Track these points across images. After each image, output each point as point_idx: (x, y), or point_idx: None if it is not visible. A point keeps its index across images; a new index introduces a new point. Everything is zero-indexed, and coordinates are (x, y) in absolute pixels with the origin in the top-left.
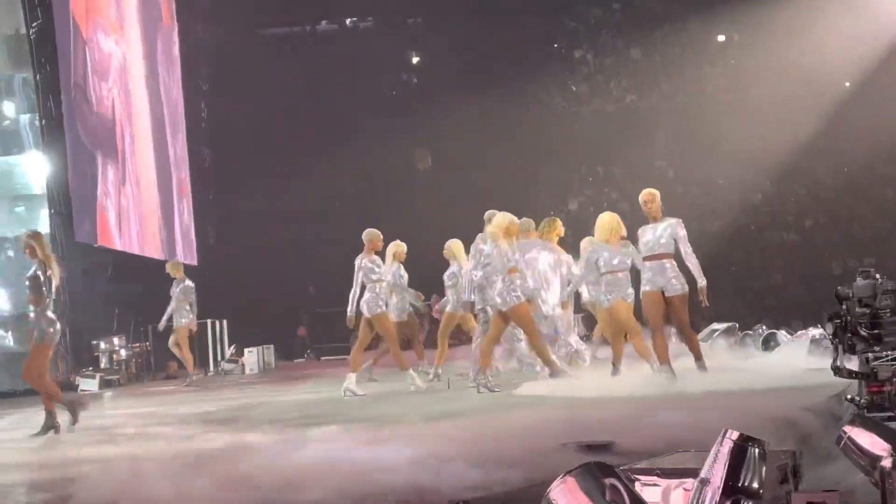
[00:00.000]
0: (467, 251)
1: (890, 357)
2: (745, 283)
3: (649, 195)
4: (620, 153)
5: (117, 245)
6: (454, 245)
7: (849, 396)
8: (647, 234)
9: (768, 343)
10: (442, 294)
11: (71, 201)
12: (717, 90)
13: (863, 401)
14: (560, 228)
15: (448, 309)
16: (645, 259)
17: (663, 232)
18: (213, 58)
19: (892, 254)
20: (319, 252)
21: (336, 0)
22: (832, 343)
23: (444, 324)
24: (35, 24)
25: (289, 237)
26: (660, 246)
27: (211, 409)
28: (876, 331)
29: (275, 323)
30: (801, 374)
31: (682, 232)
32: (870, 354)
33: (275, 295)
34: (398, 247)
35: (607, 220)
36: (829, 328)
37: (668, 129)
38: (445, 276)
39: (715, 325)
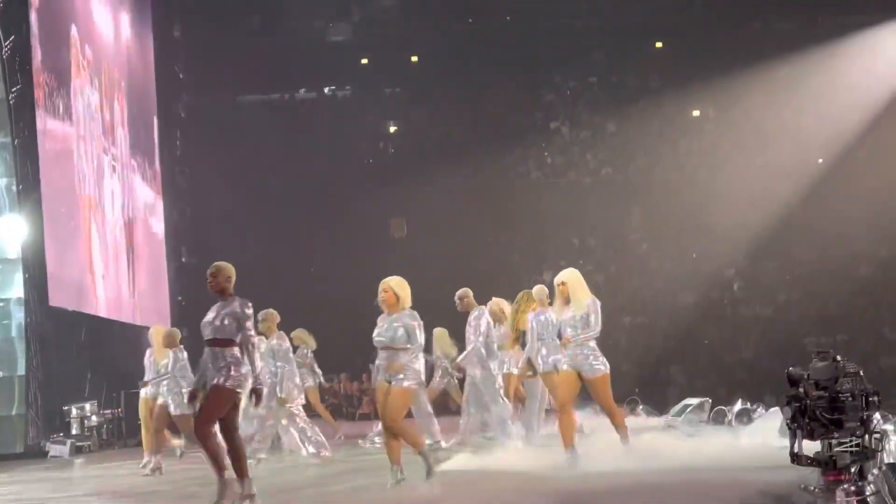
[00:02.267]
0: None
1: (851, 444)
2: (719, 357)
3: None
4: (595, 225)
5: (90, 310)
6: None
7: (803, 485)
8: None
9: (741, 419)
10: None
11: (46, 265)
12: (691, 165)
13: (818, 490)
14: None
15: None
16: None
17: None
18: (191, 123)
19: (865, 331)
20: (294, 317)
21: (315, 68)
22: (790, 428)
23: None
24: (15, 88)
25: (263, 302)
26: None
27: None
28: (836, 416)
29: None
30: (770, 452)
31: None
32: (831, 441)
33: None
34: None
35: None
36: (788, 412)
37: (643, 202)
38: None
39: (688, 400)
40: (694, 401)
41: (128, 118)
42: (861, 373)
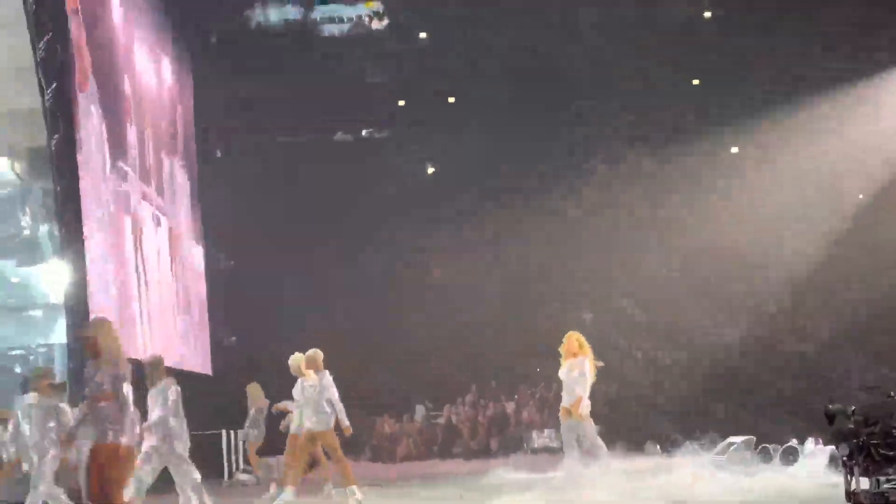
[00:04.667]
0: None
1: None
2: (763, 395)
3: None
4: (634, 263)
5: (134, 355)
6: None
7: None
8: None
9: (787, 457)
10: None
11: (88, 311)
12: (730, 202)
13: None
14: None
15: None
16: None
17: None
18: (229, 165)
19: None
20: (335, 361)
21: (352, 111)
22: (846, 465)
23: None
24: (56, 135)
25: (304, 344)
26: None
27: None
28: (892, 452)
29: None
30: (818, 490)
31: None
32: (880, 478)
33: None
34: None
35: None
36: (844, 448)
37: (682, 239)
38: None
39: (732, 439)
40: (738, 439)
41: (169, 164)
42: None
